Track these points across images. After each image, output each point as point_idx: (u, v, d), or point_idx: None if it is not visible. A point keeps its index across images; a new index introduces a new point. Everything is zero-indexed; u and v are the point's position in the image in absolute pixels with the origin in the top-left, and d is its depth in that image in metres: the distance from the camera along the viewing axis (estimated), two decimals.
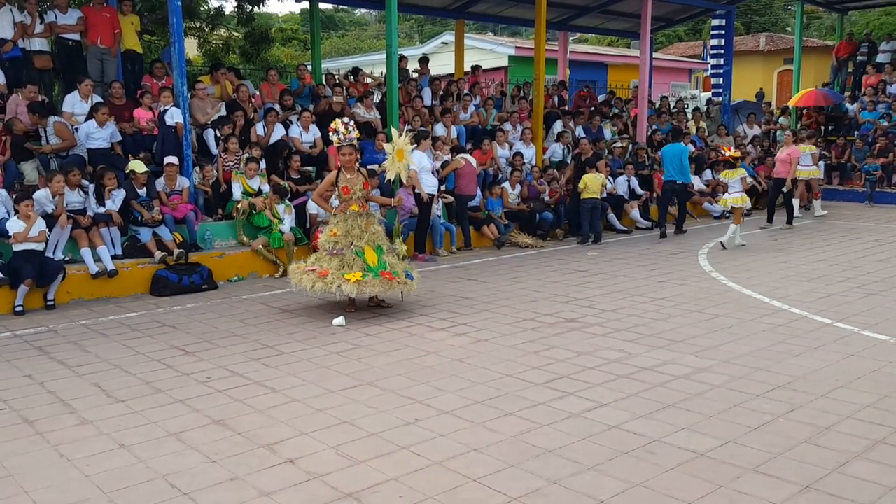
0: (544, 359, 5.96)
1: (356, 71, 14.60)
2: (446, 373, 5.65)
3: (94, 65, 10.79)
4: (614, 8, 18.19)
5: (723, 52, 18.89)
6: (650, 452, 4.20)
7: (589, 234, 11.96)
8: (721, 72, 18.92)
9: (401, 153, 7.64)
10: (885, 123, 17.54)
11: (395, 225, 9.59)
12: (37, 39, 10.41)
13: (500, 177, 12.70)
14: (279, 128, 11.22)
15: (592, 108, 16.33)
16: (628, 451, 4.22)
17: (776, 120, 19.44)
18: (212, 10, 18.64)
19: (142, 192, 9.10)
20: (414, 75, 15.09)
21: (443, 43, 25.97)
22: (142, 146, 9.96)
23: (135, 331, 7.04)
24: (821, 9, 26.93)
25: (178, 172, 9.50)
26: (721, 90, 18.82)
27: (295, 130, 11.39)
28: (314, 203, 8.82)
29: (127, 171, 9.12)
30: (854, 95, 19.83)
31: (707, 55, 23.51)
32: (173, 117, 9.56)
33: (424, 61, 15.75)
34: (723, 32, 19.07)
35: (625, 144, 15.02)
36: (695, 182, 14.26)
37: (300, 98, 12.45)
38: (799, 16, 22.20)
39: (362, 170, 7.77)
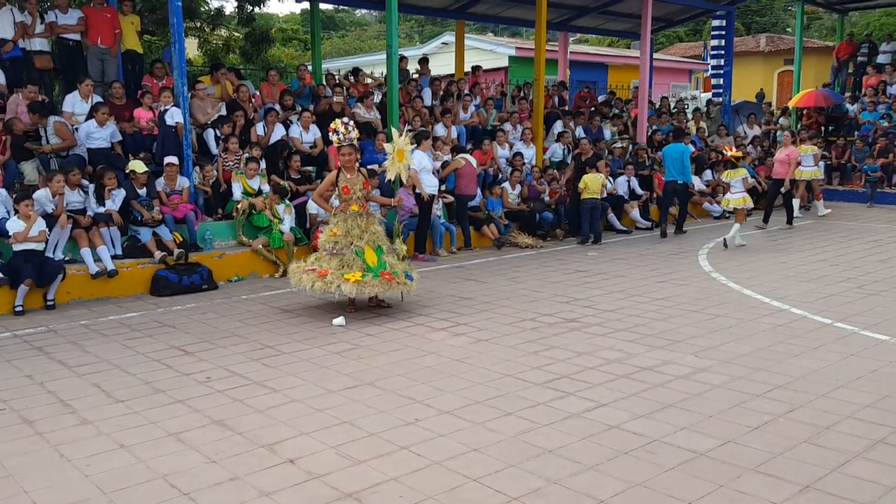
0: (544, 359, 5.96)
1: (356, 71, 14.61)
2: (446, 373, 5.65)
3: (95, 65, 10.80)
4: (614, 8, 18.19)
5: (723, 52, 18.90)
6: (650, 452, 4.20)
7: (589, 235, 11.96)
8: (721, 72, 18.93)
9: (401, 153, 7.65)
10: (886, 124, 17.54)
11: (395, 225, 9.60)
12: (37, 39, 10.42)
13: (500, 177, 12.69)
14: (279, 128, 11.23)
15: (592, 109, 16.34)
16: (628, 450, 4.22)
17: (776, 120, 19.43)
18: (212, 10, 18.67)
19: (142, 192, 9.11)
20: (414, 75, 15.11)
21: (443, 43, 25.98)
22: (142, 146, 9.96)
23: (135, 331, 7.04)
24: (821, 9, 26.93)
25: (178, 172, 9.50)
26: (721, 91, 18.83)
27: (295, 130, 11.39)
28: (314, 203, 8.82)
29: (127, 171, 9.12)
30: (854, 96, 19.85)
31: (707, 56, 23.51)
32: (173, 117, 9.57)
33: (425, 62, 15.76)
34: (723, 33, 19.09)
35: (625, 145, 15.02)
36: (695, 182, 14.26)
37: (300, 98, 12.46)
38: (799, 16, 22.22)
39: (362, 170, 7.77)
